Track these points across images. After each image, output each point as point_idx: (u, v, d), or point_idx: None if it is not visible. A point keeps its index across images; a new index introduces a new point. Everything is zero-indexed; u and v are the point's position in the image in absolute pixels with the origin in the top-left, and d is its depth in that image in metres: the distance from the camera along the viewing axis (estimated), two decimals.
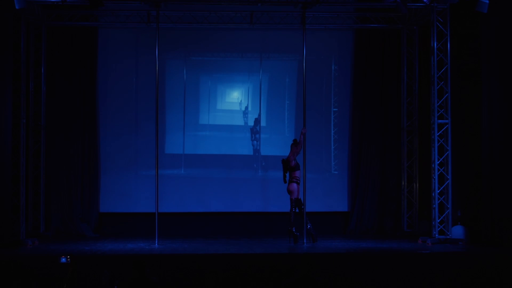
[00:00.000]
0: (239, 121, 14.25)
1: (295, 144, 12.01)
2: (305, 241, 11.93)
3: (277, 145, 14.06)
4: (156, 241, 11.85)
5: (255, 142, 14.16)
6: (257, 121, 14.12)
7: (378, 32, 14.08)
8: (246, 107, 14.22)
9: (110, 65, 13.90)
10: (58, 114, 13.59)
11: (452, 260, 10.43)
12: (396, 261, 10.29)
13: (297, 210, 11.91)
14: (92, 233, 13.47)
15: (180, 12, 13.33)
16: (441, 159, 12.27)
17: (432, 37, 12.24)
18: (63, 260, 8.20)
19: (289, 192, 11.94)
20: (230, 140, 14.15)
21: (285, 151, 13.20)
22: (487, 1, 11.45)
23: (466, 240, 12.00)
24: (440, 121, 12.22)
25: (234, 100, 14.37)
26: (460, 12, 12.45)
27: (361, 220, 13.99)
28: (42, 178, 13.28)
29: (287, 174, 11.97)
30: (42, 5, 12.72)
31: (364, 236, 13.55)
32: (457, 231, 12.21)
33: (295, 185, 11.92)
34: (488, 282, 9.99)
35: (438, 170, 12.24)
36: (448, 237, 12.07)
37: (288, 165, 11.92)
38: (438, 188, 12.22)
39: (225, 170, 14.03)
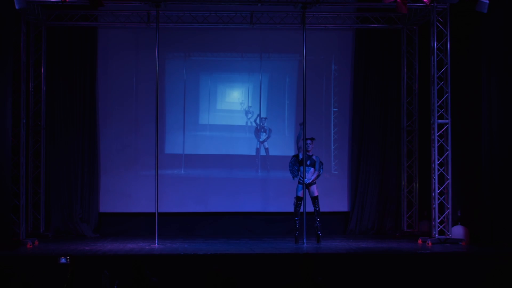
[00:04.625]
0: (239, 121, 14.25)
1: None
2: (305, 241, 11.94)
3: (277, 145, 14.08)
4: (156, 241, 11.85)
5: (258, 143, 14.13)
6: (262, 120, 14.08)
7: (378, 32, 14.09)
8: (246, 107, 14.21)
9: (110, 65, 13.90)
10: (58, 114, 13.60)
11: (452, 260, 10.43)
12: (396, 261, 10.29)
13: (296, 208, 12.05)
14: (92, 233, 13.47)
15: (180, 12, 13.35)
16: (441, 159, 12.28)
17: (432, 37, 12.24)
18: (63, 260, 8.19)
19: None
20: (230, 140, 14.15)
21: (285, 151, 13.23)
22: (487, 1, 11.45)
23: (466, 240, 12.00)
24: (440, 121, 12.22)
25: (234, 100, 14.37)
26: (460, 12, 12.46)
27: (361, 220, 14.00)
28: (42, 178, 13.28)
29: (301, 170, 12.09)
30: (42, 5, 12.72)
31: (364, 236, 13.56)
32: (457, 231, 12.21)
33: (299, 185, 12.03)
34: (488, 282, 9.98)
35: (438, 170, 12.24)
36: (448, 237, 12.08)
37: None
38: (438, 188, 12.22)
39: (225, 170, 14.03)
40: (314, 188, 12.14)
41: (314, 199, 12.11)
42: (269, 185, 14.02)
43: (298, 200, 12.02)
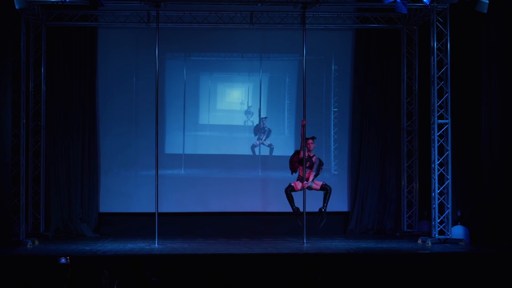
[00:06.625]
0: (239, 121, 14.24)
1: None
2: (305, 241, 11.93)
3: (277, 145, 14.08)
4: (156, 241, 11.85)
5: (258, 142, 14.12)
6: (262, 120, 14.06)
7: (378, 32, 14.09)
8: (246, 107, 14.21)
9: (110, 65, 13.90)
10: (58, 114, 13.60)
11: (452, 260, 10.43)
12: (396, 261, 10.28)
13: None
14: (92, 233, 13.47)
15: (180, 12, 13.34)
16: (441, 159, 12.28)
17: (432, 37, 12.24)
18: (63, 260, 8.19)
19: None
20: (230, 140, 14.14)
21: (285, 151, 13.21)
22: (487, 1, 11.45)
23: (466, 240, 12.00)
24: (440, 121, 12.22)
25: (234, 100, 14.37)
26: (460, 12, 12.45)
27: (361, 220, 14.00)
28: (42, 178, 13.28)
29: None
30: (42, 5, 12.72)
31: (364, 236, 13.55)
32: (457, 231, 12.21)
33: (298, 182, 11.83)
34: (488, 282, 9.99)
35: (438, 170, 12.24)
36: (448, 237, 12.07)
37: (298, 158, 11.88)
38: (438, 188, 12.22)
39: (225, 170, 14.03)
40: (315, 185, 12.00)
41: (322, 189, 11.87)
42: (269, 185, 14.01)
43: (290, 186, 11.73)
